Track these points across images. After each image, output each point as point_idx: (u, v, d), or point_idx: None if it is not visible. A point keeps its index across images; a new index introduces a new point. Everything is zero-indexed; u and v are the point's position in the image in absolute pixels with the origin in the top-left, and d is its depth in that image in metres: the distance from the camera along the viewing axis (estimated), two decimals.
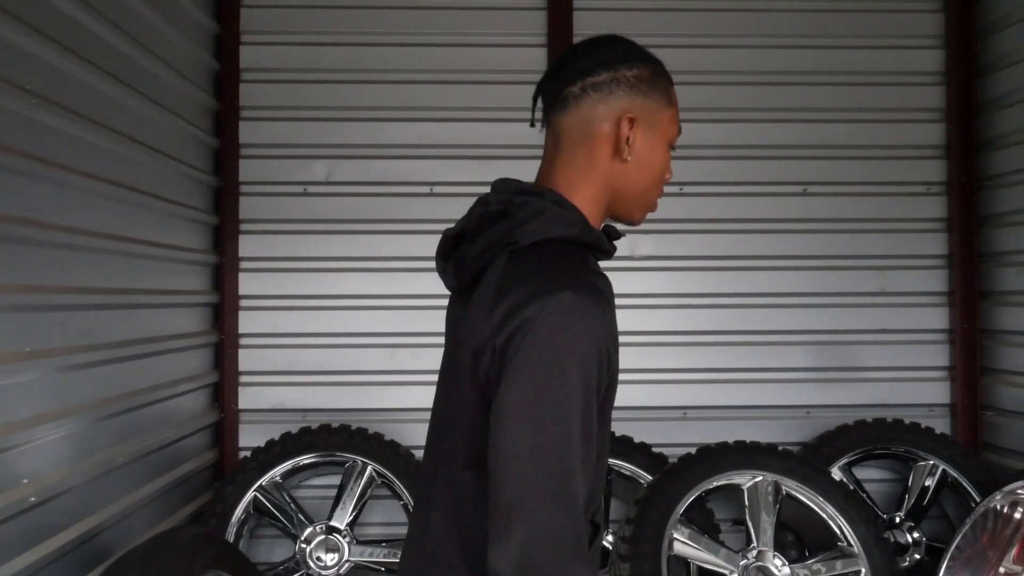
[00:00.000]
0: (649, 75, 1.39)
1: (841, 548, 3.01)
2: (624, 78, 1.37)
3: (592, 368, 1.18)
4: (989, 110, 3.62)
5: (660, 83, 1.41)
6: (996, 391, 3.60)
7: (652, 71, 1.40)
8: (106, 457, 2.46)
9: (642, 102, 1.37)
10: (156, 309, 2.95)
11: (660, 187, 1.42)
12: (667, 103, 1.41)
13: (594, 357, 1.18)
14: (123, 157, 2.66)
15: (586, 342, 1.17)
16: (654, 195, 1.42)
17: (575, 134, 1.38)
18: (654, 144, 1.39)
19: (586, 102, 1.36)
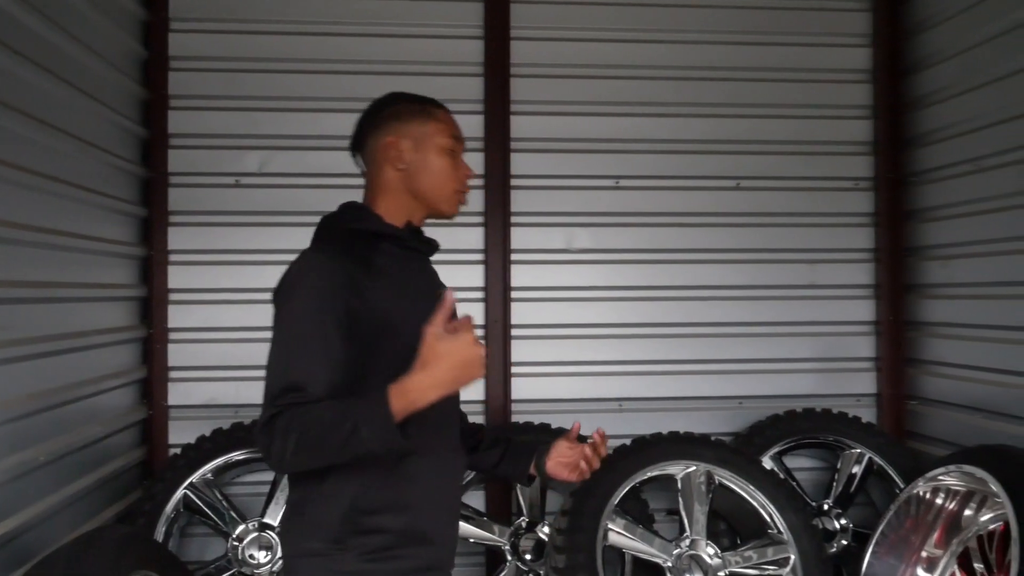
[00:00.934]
0: (403, 108, 1.87)
1: (771, 535, 3.07)
2: (384, 117, 1.87)
3: (319, 305, 1.66)
4: (915, 108, 3.72)
5: (417, 108, 1.88)
6: (920, 381, 3.70)
7: (404, 106, 1.88)
8: (28, 456, 2.39)
9: (400, 126, 1.85)
10: (81, 303, 2.86)
11: (452, 182, 1.86)
12: (426, 120, 1.86)
13: (323, 297, 1.67)
14: (45, 146, 2.57)
15: (314, 284, 1.68)
16: (446, 189, 1.86)
17: (369, 164, 1.89)
18: (425, 152, 1.84)
19: (370, 141, 1.88)
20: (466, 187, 1.89)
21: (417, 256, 1.90)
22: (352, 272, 1.70)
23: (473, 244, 3.61)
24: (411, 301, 1.77)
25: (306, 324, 1.67)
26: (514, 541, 3.27)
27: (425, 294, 1.83)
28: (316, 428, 1.57)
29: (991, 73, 3.21)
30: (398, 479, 1.75)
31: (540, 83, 3.67)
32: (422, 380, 1.56)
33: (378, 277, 1.75)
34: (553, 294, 3.66)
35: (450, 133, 1.88)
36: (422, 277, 1.90)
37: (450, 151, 1.86)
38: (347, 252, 1.74)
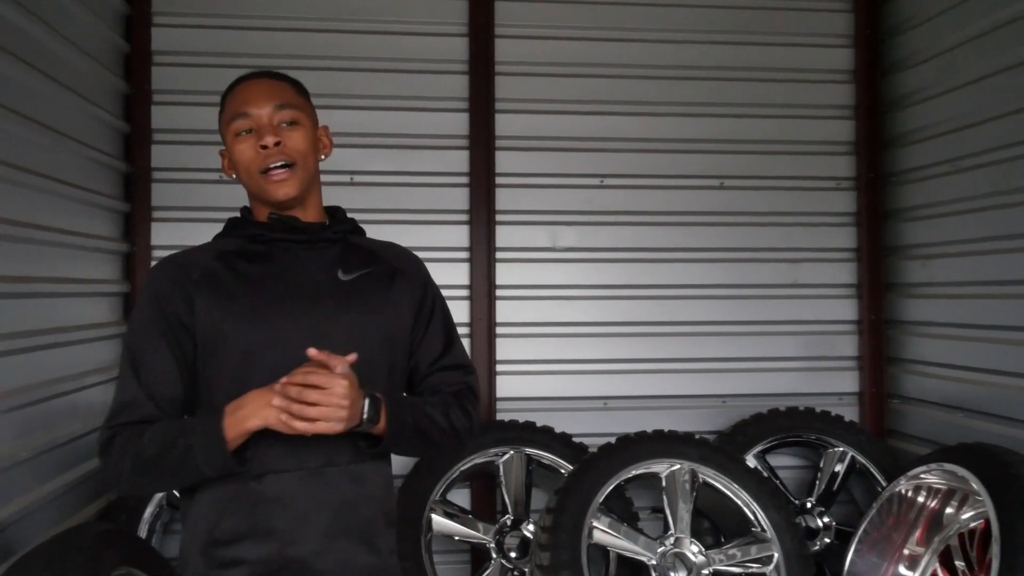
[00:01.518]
0: (219, 110, 1.76)
1: (755, 534, 3.09)
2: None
3: (147, 309, 1.62)
4: (895, 108, 3.75)
5: (221, 105, 1.75)
6: (901, 380, 3.73)
7: (220, 102, 1.76)
8: (8, 451, 2.35)
9: (221, 133, 1.74)
10: (61, 298, 2.83)
11: (253, 164, 1.68)
12: (222, 112, 1.74)
13: (147, 301, 1.63)
14: (24, 139, 2.54)
15: (143, 294, 1.67)
16: (252, 174, 1.69)
17: None
18: (229, 150, 1.72)
19: None
20: (269, 160, 1.66)
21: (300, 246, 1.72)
22: (177, 278, 1.64)
23: (458, 242, 3.60)
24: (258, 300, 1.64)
25: (139, 336, 1.63)
26: (499, 539, 3.26)
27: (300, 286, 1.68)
28: (150, 448, 1.52)
29: (970, 74, 3.24)
30: (259, 502, 1.60)
31: (525, 81, 3.67)
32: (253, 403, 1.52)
33: (214, 280, 1.65)
34: (538, 292, 3.66)
35: (232, 113, 1.70)
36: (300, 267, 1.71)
37: (239, 132, 1.69)
38: (185, 257, 1.69)
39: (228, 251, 1.71)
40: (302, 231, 1.72)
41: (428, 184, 3.60)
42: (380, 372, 1.71)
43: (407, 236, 3.57)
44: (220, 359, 1.61)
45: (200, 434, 1.51)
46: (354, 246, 1.81)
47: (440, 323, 1.85)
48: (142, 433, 1.53)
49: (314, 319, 1.65)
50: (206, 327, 1.61)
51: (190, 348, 1.62)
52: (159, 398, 1.59)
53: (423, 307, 1.82)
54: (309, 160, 1.71)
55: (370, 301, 1.73)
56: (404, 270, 1.83)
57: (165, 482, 1.58)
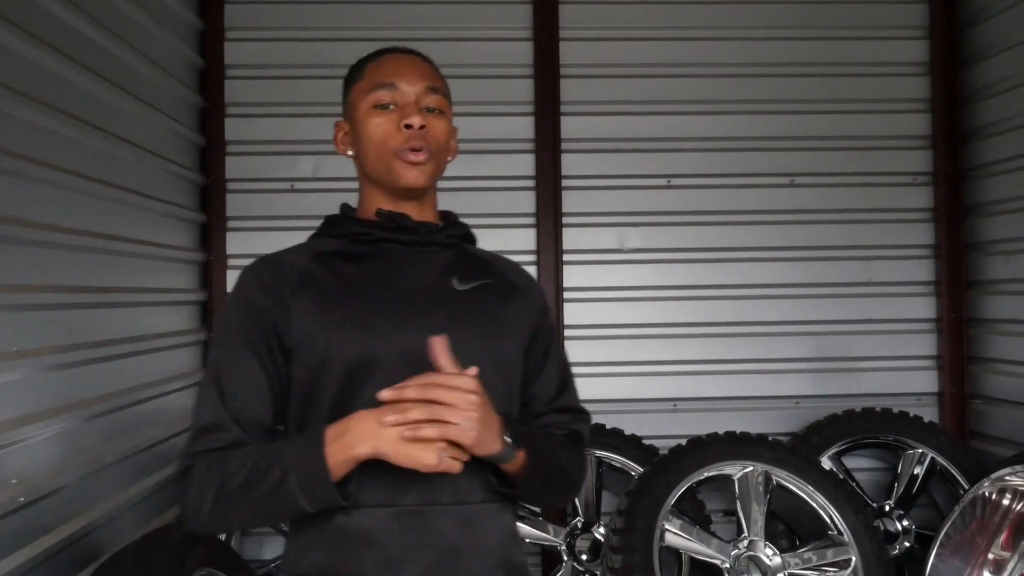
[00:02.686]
0: (347, 77, 1.58)
1: (831, 537, 3.03)
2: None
3: (236, 318, 1.42)
4: (974, 100, 3.64)
5: (351, 72, 1.57)
6: (983, 379, 3.62)
7: (351, 70, 1.58)
8: (95, 456, 2.45)
9: (345, 102, 1.57)
10: (143, 307, 2.93)
11: (390, 141, 1.47)
12: (358, 80, 1.54)
13: (237, 309, 1.43)
14: (108, 155, 2.64)
15: (233, 302, 1.45)
16: (385, 152, 1.48)
17: None
18: (357, 120, 1.52)
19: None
20: (411, 141, 1.46)
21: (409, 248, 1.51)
22: (271, 281, 1.44)
23: (525, 245, 3.62)
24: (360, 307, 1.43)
25: (225, 349, 1.42)
26: (570, 541, 3.26)
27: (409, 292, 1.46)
28: (237, 477, 1.30)
29: None
30: (345, 540, 1.37)
31: (589, 83, 3.67)
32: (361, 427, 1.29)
33: (311, 284, 1.44)
34: (605, 294, 3.65)
35: (373, 81, 1.50)
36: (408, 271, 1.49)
37: (380, 104, 1.49)
38: (266, 258, 1.49)
39: (327, 251, 1.51)
40: (413, 231, 1.50)
41: (495, 188, 3.62)
42: (498, 400, 1.40)
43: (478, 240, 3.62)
44: (318, 375, 1.40)
45: (299, 462, 1.29)
46: (469, 254, 1.59)
47: (557, 357, 1.62)
48: (227, 459, 1.32)
49: (424, 331, 1.37)
50: (302, 336, 1.40)
51: (283, 361, 1.42)
52: (245, 421, 1.38)
53: (541, 335, 1.58)
54: (443, 155, 1.53)
55: (487, 317, 1.49)
56: (523, 288, 1.60)
57: (254, 517, 1.34)
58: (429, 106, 1.50)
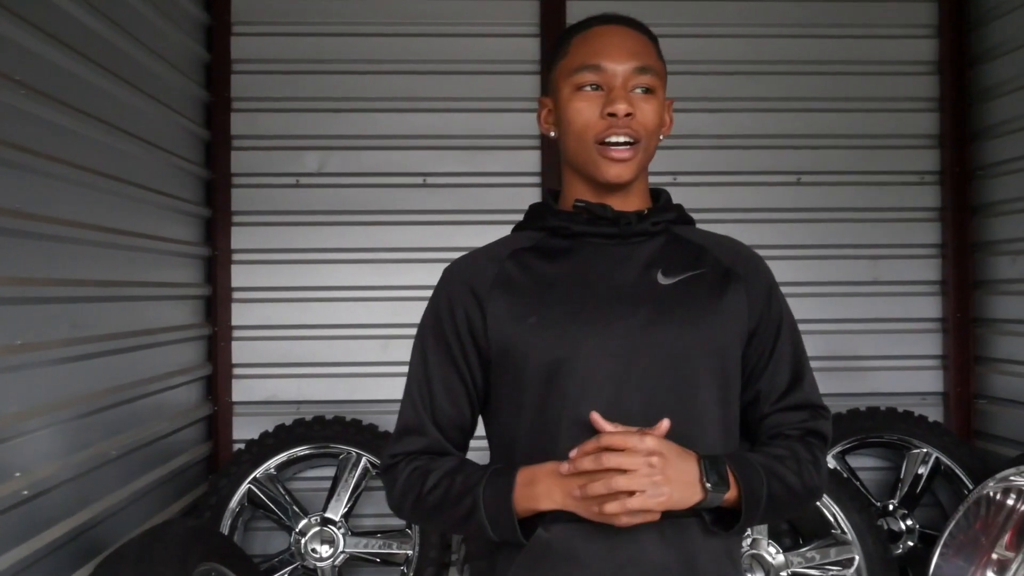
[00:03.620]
0: (551, 53, 1.47)
1: (835, 536, 3.03)
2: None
3: (432, 320, 1.42)
4: (982, 99, 3.62)
5: (559, 47, 1.44)
6: (989, 379, 3.61)
7: (556, 41, 1.47)
8: (99, 450, 2.45)
9: (549, 77, 1.46)
10: (148, 302, 2.94)
11: (591, 129, 1.36)
12: (563, 56, 1.42)
13: (436, 309, 1.42)
14: (114, 149, 2.64)
15: (433, 302, 1.44)
16: (586, 142, 1.37)
17: None
18: (560, 101, 1.41)
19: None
20: (615, 131, 1.34)
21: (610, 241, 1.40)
22: (468, 284, 1.40)
23: None
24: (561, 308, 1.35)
25: (424, 351, 1.43)
26: None
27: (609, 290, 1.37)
28: (434, 496, 1.34)
29: None
30: (546, 555, 1.31)
31: None
32: (549, 480, 1.27)
33: (507, 285, 1.38)
34: None
35: (580, 61, 1.38)
36: (609, 267, 1.39)
37: (583, 86, 1.37)
38: (477, 258, 1.44)
39: (523, 248, 1.43)
40: (614, 223, 1.39)
41: (500, 184, 3.61)
42: (710, 405, 1.36)
43: (480, 237, 3.59)
44: (516, 379, 1.36)
45: (489, 499, 1.29)
46: (680, 240, 1.45)
47: (788, 346, 1.46)
48: (427, 472, 1.35)
49: (625, 331, 1.32)
50: (499, 340, 1.36)
51: (479, 365, 1.40)
52: (444, 425, 1.40)
53: (766, 323, 1.44)
54: (653, 139, 1.40)
55: (697, 311, 1.37)
56: (741, 274, 1.44)
57: (447, 529, 1.43)
58: (641, 86, 1.38)
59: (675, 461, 1.23)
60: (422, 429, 1.39)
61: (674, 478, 1.22)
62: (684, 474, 1.24)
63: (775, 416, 1.43)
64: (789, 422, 1.43)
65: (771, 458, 1.36)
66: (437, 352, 1.40)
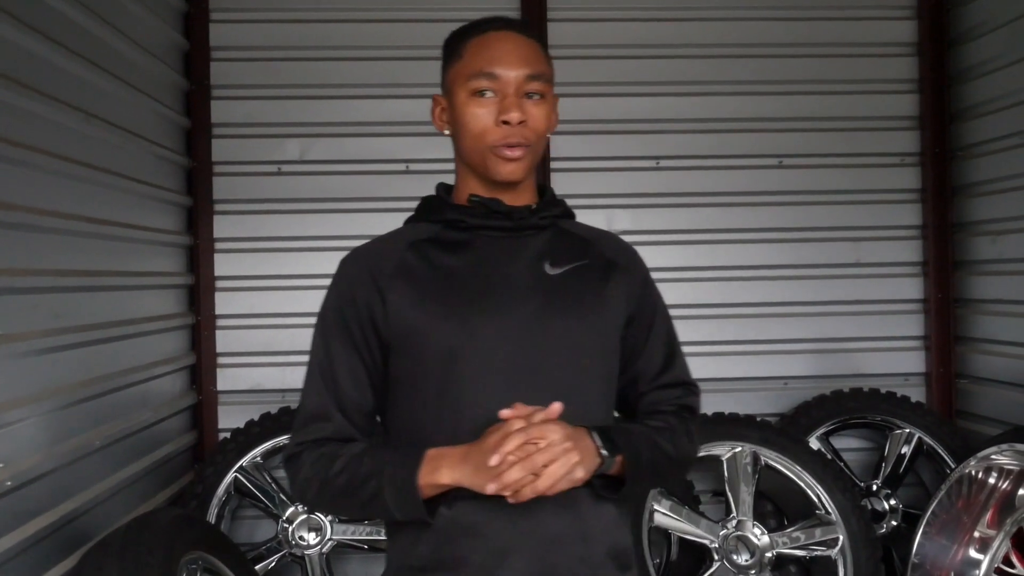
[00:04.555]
0: (444, 47, 1.52)
1: (819, 516, 3.05)
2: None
3: (334, 308, 1.48)
4: (961, 80, 3.64)
5: (451, 48, 1.50)
6: (970, 359, 3.64)
7: (448, 40, 1.52)
8: (83, 441, 2.44)
9: (443, 77, 1.51)
10: (130, 291, 2.92)
11: (487, 135, 1.44)
12: (457, 59, 1.48)
13: (337, 297, 1.48)
14: (92, 137, 2.62)
15: (333, 291, 1.50)
16: (480, 144, 1.44)
17: None
18: (455, 103, 1.47)
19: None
20: (508, 138, 1.42)
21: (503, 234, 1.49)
22: (368, 272, 1.47)
23: None
24: (455, 297, 1.44)
25: (325, 338, 1.48)
26: None
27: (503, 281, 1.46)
28: (340, 480, 1.39)
29: None
30: (450, 531, 1.39)
31: (579, 64, 3.64)
32: (452, 458, 1.34)
33: (407, 274, 1.46)
34: None
35: (475, 68, 1.43)
36: (503, 259, 1.48)
37: (478, 92, 1.43)
38: (375, 247, 1.52)
39: (422, 239, 1.50)
40: (507, 216, 1.48)
41: None
42: (595, 386, 1.48)
43: None
44: (416, 364, 1.43)
45: (393, 479, 1.35)
46: (566, 233, 1.56)
47: (662, 331, 1.60)
48: (333, 458, 1.40)
49: (519, 319, 1.42)
50: (399, 327, 1.43)
51: (380, 351, 1.46)
52: (349, 409, 1.45)
53: (642, 309, 1.57)
54: (542, 141, 1.49)
55: (582, 300, 1.48)
56: (621, 264, 1.56)
57: (352, 513, 1.48)
58: (532, 92, 1.45)
59: (578, 439, 1.34)
60: (328, 415, 1.44)
61: (574, 443, 1.32)
62: (586, 448, 1.35)
63: (652, 394, 1.57)
64: (665, 399, 1.57)
65: (650, 429, 1.49)
66: (339, 338, 1.46)
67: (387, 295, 1.44)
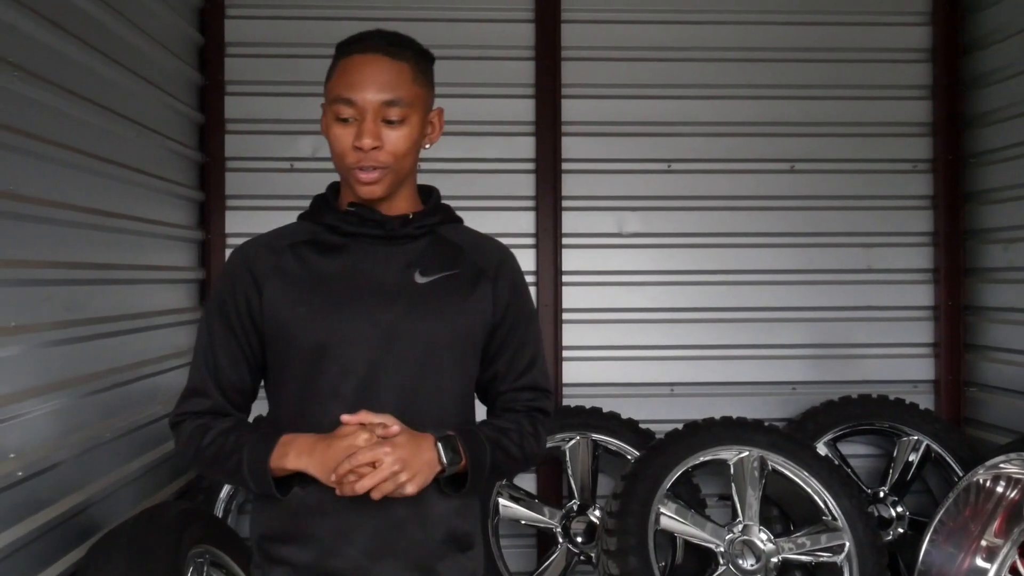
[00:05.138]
0: (332, 61, 1.56)
1: (825, 522, 3.04)
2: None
3: (217, 296, 1.59)
4: (975, 87, 3.63)
5: (332, 63, 1.56)
6: (979, 367, 3.63)
7: (334, 55, 1.56)
8: (93, 432, 2.45)
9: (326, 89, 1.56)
10: (142, 285, 2.93)
11: (344, 158, 1.52)
12: (330, 76, 1.55)
13: (221, 287, 1.59)
14: (107, 131, 2.63)
15: (220, 277, 1.62)
16: (341, 167, 1.54)
17: None
18: (325, 120, 1.55)
19: None
20: (362, 162, 1.50)
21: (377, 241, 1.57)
22: (249, 266, 1.56)
23: (524, 228, 3.61)
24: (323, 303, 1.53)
25: (210, 322, 1.59)
26: (565, 524, 3.28)
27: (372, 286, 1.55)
28: (209, 451, 1.53)
29: None
30: (300, 509, 1.53)
31: (591, 66, 3.65)
32: (300, 446, 1.48)
33: (283, 274, 1.55)
34: (604, 278, 3.65)
35: (336, 92, 1.51)
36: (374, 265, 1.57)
37: (337, 117, 1.51)
38: (259, 244, 1.60)
39: (301, 241, 1.59)
40: (380, 225, 1.56)
41: (494, 171, 3.62)
42: (452, 386, 1.59)
43: (473, 222, 3.59)
44: (286, 357, 1.56)
45: (251, 457, 1.50)
46: (443, 241, 1.63)
47: (526, 338, 1.67)
48: (206, 429, 1.54)
49: (382, 323, 1.52)
50: (272, 321, 1.55)
51: (257, 339, 1.57)
52: (227, 388, 1.58)
53: (509, 316, 1.64)
54: (407, 160, 1.55)
55: (446, 308, 1.57)
56: (490, 273, 1.63)
57: (223, 481, 1.62)
58: (388, 118, 1.50)
59: (415, 448, 1.47)
60: (206, 392, 1.57)
61: (414, 463, 1.45)
62: (424, 458, 1.48)
63: (509, 394, 1.67)
64: (520, 400, 1.67)
65: (497, 431, 1.60)
66: (221, 324, 1.57)
67: (264, 291, 1.55)
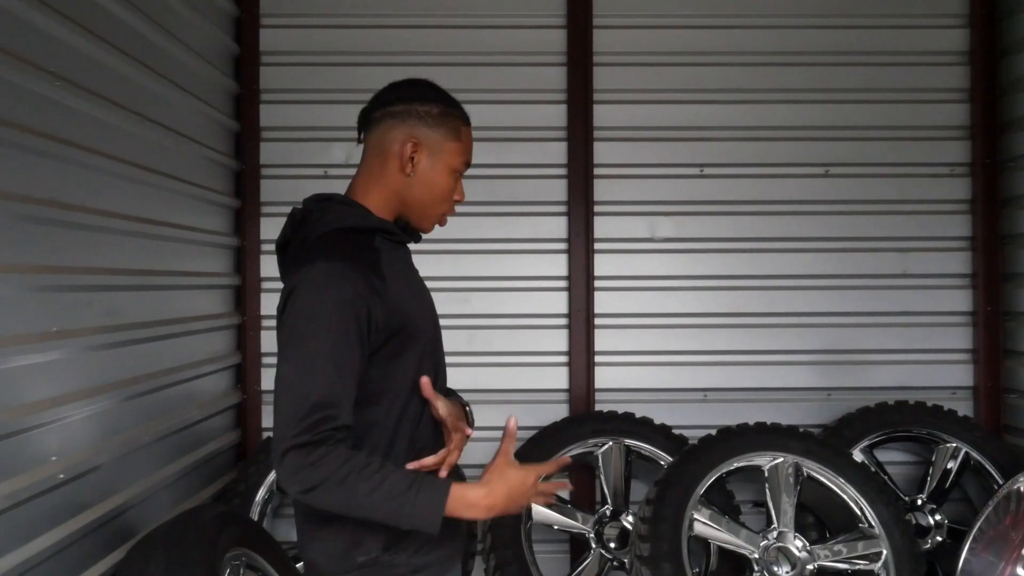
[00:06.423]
0: (438, 112, 1.72)
1: (862, 530, 3.01)
2: (415, 111, 1.71)
3: (342, 319, 1.56)
4: (1013, 90, 3.58)
5: (449, 121, 1.74)
6: (1019, 374, 3.57)
7: (442, 110, 1.73)
8: (132, 436, 2.49)
9: (428, 132, 1.71)
10: (179, 291, 2.98)
11: (445, 205, 1.76)
12: (454, 138, 1.73)
13: (345, 310, 1.56)
14: (146, 139, 2.68)
15: (334, 298, 1.56)
16: (437, 210, 1.76)
17: (373, 149, 1.73)
18: (436, 168, 1.72)
19: (383, 125, 1.72)
20: (453, 211, 1.79)
21: (404, 248, 1.81)
22: (368, 276, 1.61)
23: (556, 233, 3.62)
24: (417, 295, 1.76)
25: (333, 338, 1.55)
26: (598, 529, 3.27)
27: (421, 285, 1.81)
28: (364, 487, 1.52)
29: None
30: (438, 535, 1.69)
31: (623, 71, 3.65)
32: (481, 497, 1.61)
33: (390, 276, 1.65)
34: (637, 283, 3.65)
35: (466, 158, 1.77)
36: (413, 269, 1.82)
37: (457, 173, 1.76)
38: (356, 255, 1.63)
39: (376, 247, 1.69)
40: (415, 236, 1.83)
41: (527, 176, 3.63)
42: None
43: (506, 228, 3.64)
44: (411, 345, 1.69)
45: (424, 505, 1.55)
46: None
47: None
48: (352, 465, 1.53)
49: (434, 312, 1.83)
50: (399, 317, 1.65)
51: (368, 348, 1.62)
52: (351, 401, 1.59)
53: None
54: None
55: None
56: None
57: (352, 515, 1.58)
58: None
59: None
60: (337, 403, 1.55)
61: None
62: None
63: None
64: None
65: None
66: (347, 336, 1.57)
67: (385, 290, 1.62)
